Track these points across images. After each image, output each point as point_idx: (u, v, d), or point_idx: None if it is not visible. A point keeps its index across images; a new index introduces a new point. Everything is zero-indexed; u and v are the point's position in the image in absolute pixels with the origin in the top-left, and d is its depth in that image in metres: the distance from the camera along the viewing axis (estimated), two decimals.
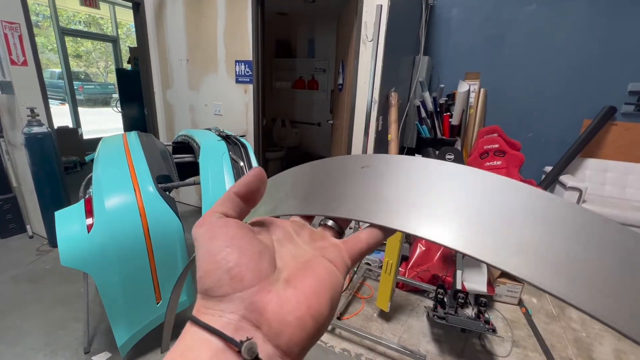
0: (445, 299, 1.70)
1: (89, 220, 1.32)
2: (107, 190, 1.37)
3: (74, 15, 8.90)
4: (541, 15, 3.06)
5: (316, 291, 0.19)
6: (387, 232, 0.23)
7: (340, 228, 0.25)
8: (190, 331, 0.18)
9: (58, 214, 1.34)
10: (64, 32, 4.91)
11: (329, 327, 1.76)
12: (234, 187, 0.22)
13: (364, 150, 2.23)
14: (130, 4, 2.95)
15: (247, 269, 0.18)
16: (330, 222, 0.25)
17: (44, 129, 2.19)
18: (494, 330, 1.54)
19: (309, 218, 0.27)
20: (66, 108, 5.50)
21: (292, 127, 4.64)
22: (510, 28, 3.20)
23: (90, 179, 1.72)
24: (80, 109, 5.22)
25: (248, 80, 2.64)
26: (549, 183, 3.11)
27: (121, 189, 1.40)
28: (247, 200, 0.22)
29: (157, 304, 1.44)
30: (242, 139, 2.02)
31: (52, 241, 2.43)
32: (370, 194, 0.24)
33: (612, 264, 0.17)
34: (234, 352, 0.16)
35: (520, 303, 2.05)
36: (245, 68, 2.62)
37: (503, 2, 3.17)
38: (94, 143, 4.70)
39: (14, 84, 2.13)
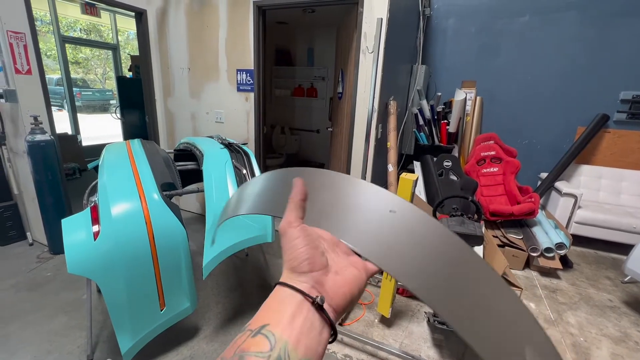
0: None
1: (95, 228, 1.34)
2: (113, 198, 1.39)
3: (74, 23, 8.95)
4: (534, 26, 3.15)
5: (350, 282, 0.31)
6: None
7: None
8: (280, 290, 0.28)
9: (65, 222, 1.36)
10: (64, 40, 4.94)
11: None
12: (299, 196, 0.32)
13: (365, 157, 2.27)
14: (132, 13, 3.00)
15: (316, 260, 0.29)
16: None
17: (46, 137, 2.21)
18: None
19: None
20: (64, 114, 5.51)
21: (292, 134, 4.68)
22: (504, 38, 3.28)
23: (94, 186, 1.73)
24: (78, 116, 5.22)
25: (249, 88, 2.69)
26: (544, 189, 3.16)
27: (127, 196, 1.42)
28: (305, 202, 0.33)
29: (161, 310, 1.45)
30: (244, 147, 2.05)
31: (53, 249, 2.42)
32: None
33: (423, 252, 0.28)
34: (309, 303, 0.27)
35: None
36: (246, 77, 2.67)
37: (497, 13, 3.26)
38: (93, 150, 4.73)
39: (18, 93, 2.15)
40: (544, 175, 3.28)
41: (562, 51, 3.12)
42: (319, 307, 0.27)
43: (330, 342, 0.28)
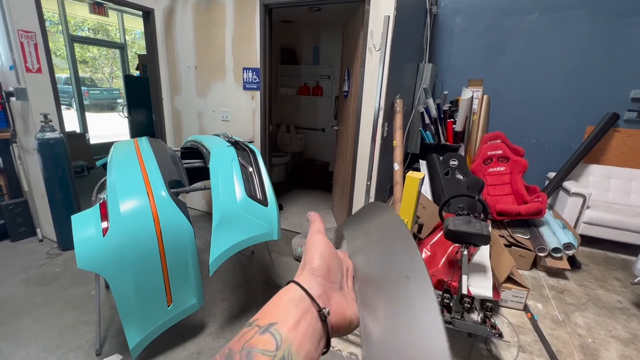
0: (451, 304, 1.71)
1: (104, 224, 1.35)
2: (121, 195, 1.41)
3: (82, 22, 9.06)
4: (543, 24, 3.11)
5: (353, 309, 0.31)
6: None
7: None
8: (292, 289, 0.29)
9: (74, 218, 1.38)
10: (73, 40, 5.00)
11: None
12: (318, 220, 0.37)
13: (371, 156, 2.26)
14: (140, 13, 3.02)
15: (332, 270, 0.32)
16: None
17: (56, 135, 2.24)
18: (500, 335, 1.55)
19: None
20: (72, 113, 5.58)
21: (297, 133, 4.69)
22: (512, 36, 3.25)
23: (102, 183, 1.76)
24: (87, 114, 5.29)
25: (255, 87, 2.69)
26: (552, 189, 3.13)
27: (135, 193, 1.43)
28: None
29: (169, 306, 1.47)
30: (251, 145, 2.06)
31: (62, 245, 2.46)
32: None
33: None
34: (316, 310, 0.28)
35: (526, 308, 2.06)
36: (252, 75, 2.68)
37: (505, 11, 3.22)
38: (101, 148, 4.78)
39: (29, 91, 2.18)
40: (551, 174, 3.24)
41: (571, 49, 3.07)
42: (323, 318, 0.28)
43: (322, 354, 0.28)
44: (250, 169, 1.84)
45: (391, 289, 0.28)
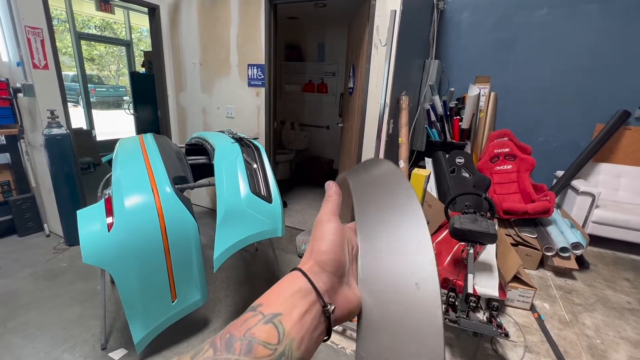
0: (457, 303, 1.69)
1: (109, 219, 1.36)
2: (126, 191, 1.41)
3: (89, 20, 9.12)
4: (553, 19, 3.05)
5: (357, 300, 0.29)
6: None
7: None
8: (298, 278, 0.28)
9: (80, 213, 1.38)
10: (80, 37, 5.04)
11: (340, 329, 1.78)
12: (336, 195, 0.34)
13: (376, 154, 2.24)
14: (145, 9, 3.03)
15: (341, 266, 0.29)
16: None
17: (63, 131, 2.26)
18: (506, 335, 1.53)
19: None
20: (79, 110, 5.63)
21: (301, 130, 4.68)
22: (521, 31, 3.19)
23: (108, 179, 1.77)
24: (93, 112, 5.33)
25: (260, 83, 2.69)
26: (560, 188, 3.08)
27: (140, 189, 1.44)
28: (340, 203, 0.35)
29: (173, 302, 1.47)
30: (255, 142, 2.05)
31: (69, 240, 2.49)
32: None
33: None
34: (321, 306, 0.27)
35: (532, 308, 2.03)
36: (257, 71, 2.67)
37: (514, 6, 3.17)
38: (107, 145, 4.82)
39: (36, 87, 2.20)
40: (559, 173, 3.18)
41: (581, 45, 3.01)
42: (327, 314, 0.27)
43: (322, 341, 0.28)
44: (255, 166, 1.83)
45: (387, 225, 0.31)
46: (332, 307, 0.27)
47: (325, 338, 0.28)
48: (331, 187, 0.35)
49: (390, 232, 0.30)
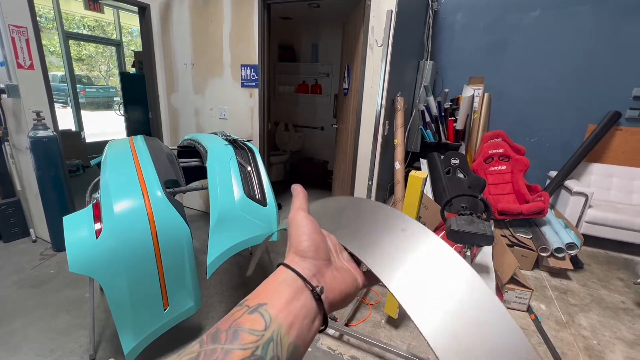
0: None
1: (97, 226, 1.30)
2: (115, 195, 1.36)
3: (80, 20, 8.95)
4: (545, 21, 3.08)
5: (348, 282, 0.31)
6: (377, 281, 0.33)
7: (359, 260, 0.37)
8: (282, 271, 0.28)
9: (66, 219, 1.33)
10: (68, 36, 4.92)
11: (337, 334, 1.74)
12: (302, 193, 0.35)
13: (373, 155, 2.22)
14: (135, 9, 2.96)
15: (321, 248, 0.30)
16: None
17: (49, 133, 2.18)
18: None
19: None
20: (68, 111, 5.51)
21: (295, 131, 4.64)
22: (514, 33, 3.21)
23: (96, 183, 1.71)
24: (82, 112, 5.21)
25: (254, 84, 2.64)
26: (554, 188, 3.10)
27: (129, 193, 1.39)
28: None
29: (165, 310, 1.42)
30: (249, 143, 2.01)
31: (56, 245, 2.41)
32: (385, 252, 0.31)
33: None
34: (309, 290, 0.27)
35: (529, 309, 2.03)
36: (250, 72, 2.62)
37: (507, 8, 3.18)
38: (96, 146, 4.72)
39: (20, 88, 2.12)
40: (553, 173, 3.21)
41: (573, 46, 3.04)
42: (317, 297, 0.27)
43: (320, 332, 0.28)
44: (249, 168, 1.79)
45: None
46: (320, 287, 0.27)
47: (322, 327, 0.28)
48: (296, 188, 0.37)
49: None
